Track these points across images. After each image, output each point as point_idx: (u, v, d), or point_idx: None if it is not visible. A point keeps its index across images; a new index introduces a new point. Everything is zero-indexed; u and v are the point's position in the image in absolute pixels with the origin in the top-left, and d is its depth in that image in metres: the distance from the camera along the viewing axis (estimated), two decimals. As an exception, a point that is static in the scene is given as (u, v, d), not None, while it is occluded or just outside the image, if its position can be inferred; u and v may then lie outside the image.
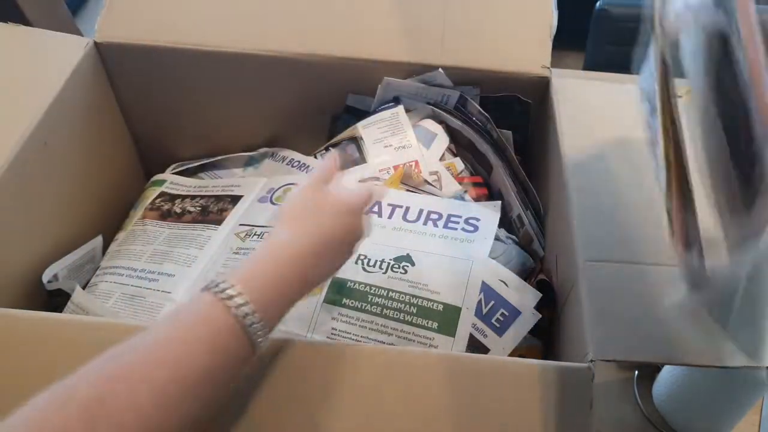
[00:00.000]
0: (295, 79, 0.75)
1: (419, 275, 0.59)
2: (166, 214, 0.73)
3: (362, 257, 0.60)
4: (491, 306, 0.58)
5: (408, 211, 0.66)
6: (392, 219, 0.65)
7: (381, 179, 0.71)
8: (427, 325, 0.56)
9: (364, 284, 0.59)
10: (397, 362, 0.47)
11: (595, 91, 0.70)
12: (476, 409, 0.45)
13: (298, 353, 0.47)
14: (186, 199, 0.75)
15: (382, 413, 0.45)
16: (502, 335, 0.58)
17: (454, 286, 0.58)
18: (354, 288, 0.59)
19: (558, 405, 0.45)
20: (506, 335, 0.58)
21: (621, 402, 0.69)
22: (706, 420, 0.66)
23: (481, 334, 0.57)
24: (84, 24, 1.81)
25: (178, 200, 0.75)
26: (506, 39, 0.74)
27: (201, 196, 0.75)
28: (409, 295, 0.58)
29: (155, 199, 0.76)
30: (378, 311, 0.57)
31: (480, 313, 0.58)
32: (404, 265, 0.60)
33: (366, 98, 0.78)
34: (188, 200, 0.74)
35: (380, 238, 0.62)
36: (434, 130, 0.76)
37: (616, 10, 1.27)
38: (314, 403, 0.45)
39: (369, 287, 0.58)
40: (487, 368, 0.47)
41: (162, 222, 0.72)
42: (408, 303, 0.57)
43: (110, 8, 0.74)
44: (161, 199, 0.76)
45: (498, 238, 0.65)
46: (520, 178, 0.70)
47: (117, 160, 0.81)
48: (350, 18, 0.75)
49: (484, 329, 0.57)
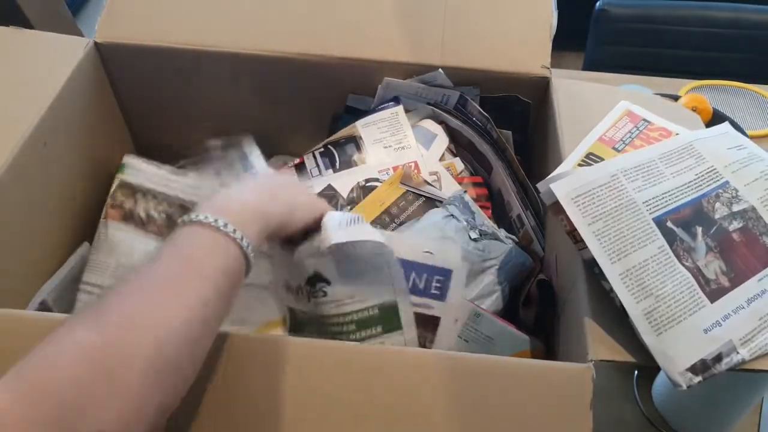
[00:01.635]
0: (295, 79, 0.75)
1: (340, 292, 0.56)
2: (128, 216, 0.69)
3: (296, 287, 0.59)
4: (425, 279, 0.58)
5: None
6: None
7: (380, 180, 0.71)
8: (372, 332, 0.56)
9: (308, 313, 0.58)
10: (397, 362, 0.47)
11: (595, 91, 0.70)
12: (476, 409, 0.45)
13: (298, 353, 0.47)
14: (149, 197, 0.71)
15: (381, 413, 0.45)
16: (446, 299, 0.58)
17: (378, 282, 0.57)
18: (305, 318, 0.58)
19: (558, 405, 0.45)
20: (449, 297, 0.58)
21: (621, 402, 0.69)
22: (705, 420, 0.66)
23: (426, 308, 0.57)
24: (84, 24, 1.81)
25: (140, 196, 0.71)
26: (506, 39, 0.74)
27: (165, 195, 0.71)
28: (341, 315, 0.56)
29: (116, 192, 0.71)
30: (330, 335, 0.56)
31: (417, 290, 0.57)
32: (320, 286, 0.57)
33: (366, 98, 0.78)
34: (151, 199, 0.70)
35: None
36: (434, 131, 0.76)
37: (616, 10, 1.27)
38: (311, 403, 0.45)
39: (313, 316, 0.57)
40: (487, 368, 0.47)
41: (124, 226, 0.69)
42: (344, 323, 0.56)
43: (110, 8, 0.74)
44: (122, 192, 0.71)
45: (498, 238, 0.65)
46: (520, 178, 0.70)
47: (117, 160, 0.80)
48: (350, 18, 0.75)
49: (427, 303, 0.57)
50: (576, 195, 0.51)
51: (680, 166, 0.55)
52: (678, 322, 0.47)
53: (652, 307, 0.47)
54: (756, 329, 0.47)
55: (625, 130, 0.63)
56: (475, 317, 0.57)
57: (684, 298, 0.48)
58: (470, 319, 0.57)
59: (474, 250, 0.62)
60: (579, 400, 0.45)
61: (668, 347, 0.46)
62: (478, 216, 0.67)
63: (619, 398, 0.70)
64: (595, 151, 0.60)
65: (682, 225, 0.51)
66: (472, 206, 0.68)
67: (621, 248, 0.49)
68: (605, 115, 0.65)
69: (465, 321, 0.57)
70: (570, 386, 0.46)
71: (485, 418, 0.45)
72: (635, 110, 0.65)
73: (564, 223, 0.51)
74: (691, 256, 0.49)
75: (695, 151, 0.56)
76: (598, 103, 0.67)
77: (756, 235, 0.52)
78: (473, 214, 0.67)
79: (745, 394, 0.61)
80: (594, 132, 0.62)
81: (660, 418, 0.68)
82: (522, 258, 0.65)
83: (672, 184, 0.53)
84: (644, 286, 0.48)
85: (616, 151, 0.60)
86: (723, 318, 0.47)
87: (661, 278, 0.48)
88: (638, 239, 0.49)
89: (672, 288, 0.48)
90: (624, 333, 0.48)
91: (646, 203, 0.51)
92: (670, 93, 0.99)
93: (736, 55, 1.29)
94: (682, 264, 0.49)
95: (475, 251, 0.62)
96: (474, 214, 0.67)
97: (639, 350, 0.47)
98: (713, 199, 0.53)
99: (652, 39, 1.29)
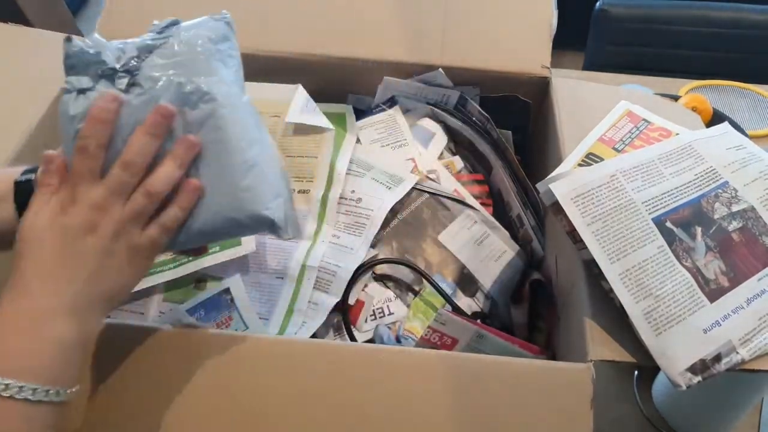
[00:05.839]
0: (295, 79, 0.75)
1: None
2: None
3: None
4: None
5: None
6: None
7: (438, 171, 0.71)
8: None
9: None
10: (397, 362, 0.47)
11: (595, 91, 0.70)
12: (476, 409, 0.45)
13: (295, 353, 0.47)
14: None
15: (381, 413, 0.45)
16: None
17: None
18: None
19: (558, 405, 0.46)
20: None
21: (621, 402, 0.69)
22: (705, 420, 0.66)
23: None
24: (84, 24, 1.81)
25: None
26: (506, 39, 0.74)
27: None
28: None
29: None
30: None
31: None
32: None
33: (366, 98, 0.78)
34: None
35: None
36: (432, 129, 0.76)
37: (616, 10, 1.27)
38: (310, 402, 0.45)
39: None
40: (487, 368, 0.47)
41: None
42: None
43: (110, 8, 0.74)
44: None
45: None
46: (519, 178, 0.70)
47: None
48: (350, 18, 0.75)
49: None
50: (575, 195, 0.51)
51: (679, 166, 0.55)
52: (677, 322, 0.47)
53: (652, 307, 0.47)
54: (755, 329, 0.47)
55: (625, 130, 0.63)
56: (479, 338, 0.56)
57: (683, 298, 0.48)
58: (473, 340, 0.56)
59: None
60: (579, 400, 0.45)
61: (668, 347, 0.46)
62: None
63: (619, 398, 0.69)
64: (595, 151, 0.60)
65: (682, 225, 0.51)
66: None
67: (620, 248, 0.49)
68: (605, 115, 0.65)
69: (468, 341, 0.57)
70: (570, 386, 0.46)
71: (485, 418, 0.45)
72: (635, 110, 0.65)
73: (564, 223, 0.51)
74: (690, 256, 0.49)
75: (694, 151, 0.56)
76: (598, 103, 0.67)
77: (755, 235, 0.52)
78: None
79: (745, 394, 0.61)
80: (594, 132, 0.62)
81: (660, 418, 0.68)
82: (522, 258, 0.65)
83: (671, 185, 0.53)
84: (643, 286, 0.48)
85: (616, 151, 0.60)
86: (722, 318, 0.47)
87: (660, 278, 0.48)
88: (637, 239, 0.49)
89: (671, 288, 0.48)
90: (624, 333, 0.48)
91: (645, 203, 0.51)
92: (670, 93, 0.99)
93: (736, 55, 1.29)
94: (681, 264, 0.49)
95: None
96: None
97: (639, 350, 0.47)
98: (713, 199, 0.53)
99: (652, 39, 1.29)
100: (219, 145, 0.43)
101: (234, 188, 0.43)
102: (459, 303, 0.63)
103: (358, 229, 0.64)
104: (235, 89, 0.44)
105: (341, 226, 0.65)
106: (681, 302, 0.47)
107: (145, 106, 0.42)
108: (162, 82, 0.42)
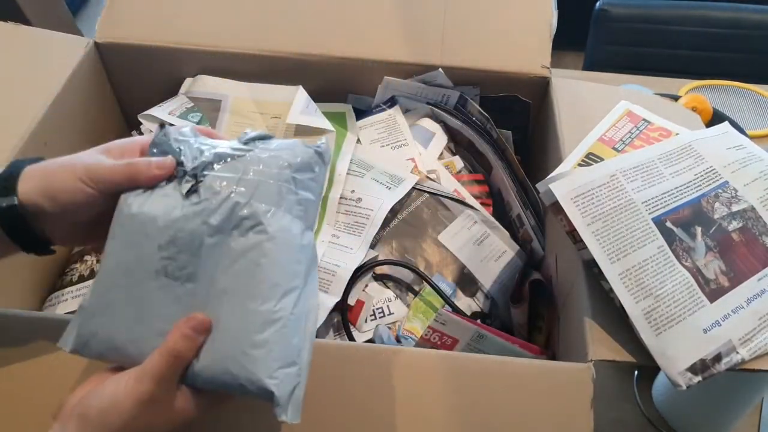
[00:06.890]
0: (295, 79, 0.75)
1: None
2: None
3: None
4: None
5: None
6: None
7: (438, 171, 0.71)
8: None
9: None
10: (396, 362, 0.47)
11: (595, 91, 0.70)
12: (476, 409, 0.45)
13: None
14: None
15: (381, 413, 0.45)
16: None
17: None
18: None
19: (558, 405, 0.46)
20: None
21: (621, 402, 0.69)
22: (705, 420, 0.66)
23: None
24: (84, 24, 1.81)
25: None
26: (506, 39, 0.74)
27: None
28: None
29: None
30: None
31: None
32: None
33: (366, 98, 0.78)
34: None
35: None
36: (432, 129, 0.76)
37: (616, 10, 1.27)
38: (310, 402, 0.45)
39: None
40: (487, 368, 0.47)
41: None
42: None
43: (110, 8, 0.74)
44: None
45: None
46: (519, 177, 0.70)
47: (117, 160, 0.81)
48: (350, 18, 0.75)
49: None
50: (575, 195, 0.51)
51: (679, 166, 0.55)
52: (677, 321, 0.47)
53: (652, 307, 0.47)
54: (755, 329, 0.47)
55: (625, 130, 0.63)
56: (479, 338, 0.56)
57: (683, 297, 0.48)
58: (473, 340, 0.56)
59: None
60: (579, 400, 0.45)
61: (668, 347, 0.46)
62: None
63: (619, 398, 0.69)
64: (595, 151, 0.60)
65: (682, 225, 0.51)
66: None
67: (620, 248, 0.49)
68: (605, 115, 0.65)
69: (468, 341, 0.57)
70: (570, 386, 0.46)
71: (485, 418, 0.45)
72: (635, 110, 0.65)
73: (564, 223, 0.51)
74: (690, 256, 0.49)
75: (694, 151, 0.56)
76: (598, 103, 0.67)
77: (755, 235, 0.52)
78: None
79: (745, 394, 0.61)
80: (594, 132, 0.62)
81: (660, 418, 0.68)
82: (522, 258, 0.66)
83: (671, 185, 0.53)
84: (643, 286, 0.48)
85: (616, 151, 0.60)
86: (722, 318, 0.47)
87: (660, 278, 0.48)
88: (637, 239, 0.49)
89: (671, 288, 0.48)
90: (624, 333, 0.48)
91: (645, 203, 0.51)
92: (670, 93, 0.99)
93: (736, 55, 1.29)
94: (681, 264, 0.49)
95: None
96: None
97: (639, 350, 0.47)
98: (712, 199, 0.53)
99: (652, 39, 1.29)
100: (250, 282, 0.37)
101: (244, 339, 0.37)
102: (459, 303, 0.63)
103: (358, 229, 0.64)
104: (295, 227, 0.40)
105: (341, 226, 0.65)
106: (681, 302, 0.47)
107: (195, 217, 0.39)
108: (220, 197, 0.39)
